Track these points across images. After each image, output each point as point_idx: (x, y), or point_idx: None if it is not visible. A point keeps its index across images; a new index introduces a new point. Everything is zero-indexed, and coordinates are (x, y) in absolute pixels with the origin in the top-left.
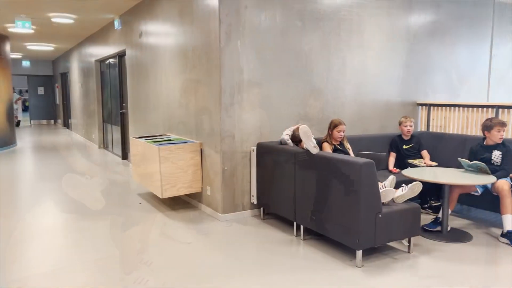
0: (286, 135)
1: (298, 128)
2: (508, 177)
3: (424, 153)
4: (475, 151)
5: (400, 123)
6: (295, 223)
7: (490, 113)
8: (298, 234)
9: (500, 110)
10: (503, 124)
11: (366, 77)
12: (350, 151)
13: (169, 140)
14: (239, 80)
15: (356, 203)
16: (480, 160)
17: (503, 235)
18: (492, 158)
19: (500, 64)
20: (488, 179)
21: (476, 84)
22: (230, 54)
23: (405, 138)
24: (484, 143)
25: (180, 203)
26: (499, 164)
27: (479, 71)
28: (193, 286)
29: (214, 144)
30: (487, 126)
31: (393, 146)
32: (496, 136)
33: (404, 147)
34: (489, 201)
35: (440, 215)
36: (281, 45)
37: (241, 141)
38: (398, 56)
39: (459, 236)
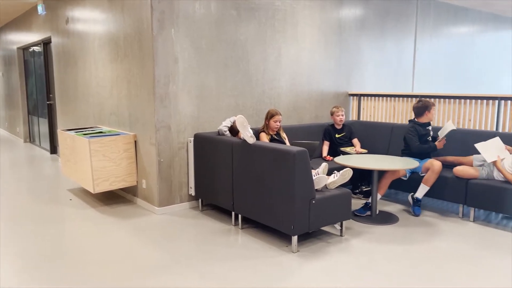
0: (224, 126)
1: None
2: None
3: (355, 141)
4: (423, 133)
5: (332, 113)
6: (233, 213)
7: (413, 102)
8: (236, 224)
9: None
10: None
11: (301, 68)
12: (286, 141)
13: (101, 132)
14: (173, 69)
15: (290, 191)
16: (424, 136)
17: (412, 196)
18: (430, 134)
19: (422, 57)
20: (413, 164)
21: (402, 75)
22: (163, 42)
23: (337, 127)
24: (421, 122)
25: (114, 198)
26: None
27: (404, 63)
28: (130, 282)
29: (148, 135)
30: (428, 106)
31: (326, 135)
32: (433, 115)
33: (337, 135)
34: (415, 184)
35: (369, 200)
36: (217, 34)
37: (177, 132)
38: (331, 48)
39: (386, 218)
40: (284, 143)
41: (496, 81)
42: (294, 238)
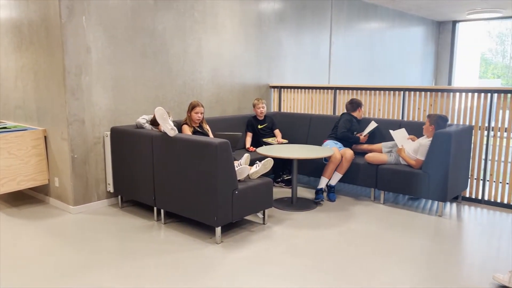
0: (142, 119)
1: None
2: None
3: (277, 132)
4: (353, 125)
5: (253, 105)
6: (155, 208)
7: (330, 94)
8: (159, 219)
9: (337, 91)
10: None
11: (223, 60)
12: (210, 133)
13: (5, 128)
14: (86, 59)
15: (213, 182)
16: (352, 128)
17: (327, 184)
18: (357, 129)
19: (338, 50)
20: (328, 152)
21: (319, 68)
22: (74, 31)
23: (259, 118)
24: (355, 116)
25: (23, 199)
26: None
27: (321, 56)
28: (48, 284)
29: (60, 130)
30: (360, 104)
31: (249, 126)
32: (363, 113)
33: (259, 126)
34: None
35: (320, 186)
36: (133, 23)
37: (92, 126)
38: (251, 40)
39: (306, 205)
40: (208, 135)
41: (403, 73)
42: (218, 229)
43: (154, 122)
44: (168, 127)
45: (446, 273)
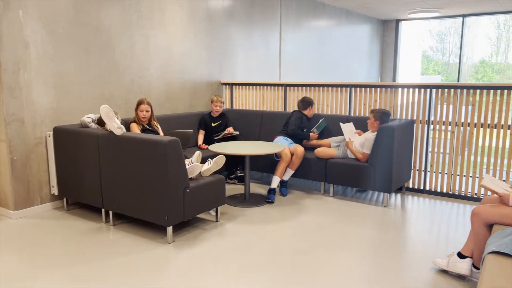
0: (87, 117)
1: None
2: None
3: (229, 129)
4: (304, 122)
5: (211, 101)
6: (103, 210)
7: (281, 91)
8: (107, 221)
9: (288, 88)
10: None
11: (172, 56)
12: (160, 131)
13: None
14: (24, 55)
15: (163, 181)
16: (302, 125)
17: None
18: (306, 126)
19: (288, 47)
20: (279, 147)
21: (270, 65)
22: (10, 25)
23: (214, 115)
24: (305, 114)
25: None
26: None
27: (272, 53)
28: None
29: None
30: (311, 103)
31: (202, 124)
32: (313, 112)
33: (213, 124)
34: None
35: (272, 186)
36: (75, 18)
37: (33, 126)
38: (201, 37)
39: (259, 200)
40: (157, 133)
41: (350, 70)
42: (169, 229)
43: (100, 121)
44: (114, 125)
45: (391, 260)
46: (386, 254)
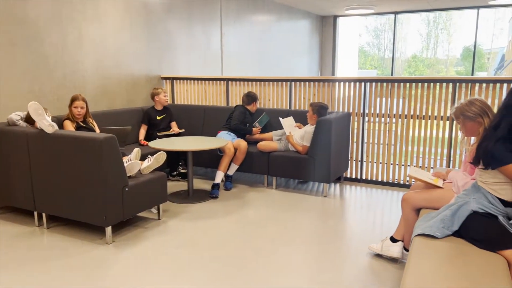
0: (15, 115)
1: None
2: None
3: (173, 124)
4: (247, 117)
5: (155, 94)
6: (35, 213)
7: (223, 85)
8: (40, 224)
9: (230, 82)
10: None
11: (107, 50)
12: (96, 128)
13: None
14: None
15: (100, 180)
16: (246, 120)
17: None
18: (249, 121)
19: (229, 42)
20: (222, 142)
21: (212, 59)
22: None
23: (158, 109)
24: (249, 109)
25: None
26: None
27: (213, 47)
28: None
29: None
30: (255, 99)
31: (146, 118)
32: (257, 107)
33: (158, 118)
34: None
35: (216, 181)
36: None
37: None
38: (139, 30)
39: (202, 196)
40: (93, 131)
41: (291, 65)
42: (108, 229)
43: (28, 119)
44: (45, 123)
45: (330, 247)
46: (326, 242)
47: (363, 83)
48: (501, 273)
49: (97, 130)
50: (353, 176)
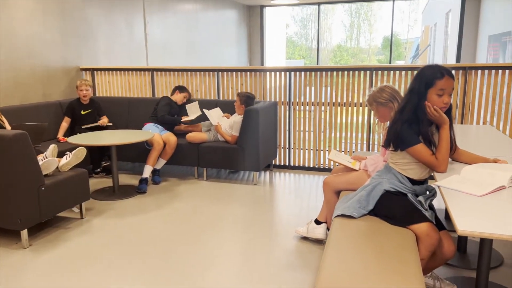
0: None
1: None
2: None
3: (103, 118)
4: (173, 108)
5: (76, 87)
6: None
7: (148, 76)
8: None
9: (155, 73)
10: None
11: (17, 39)
12: (6, 124)
13: None
14: None
15: (11, 181)
16: (173, 111)
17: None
18: (177, 112)
19: (154, 31)
20: (148, 135)
21: (136, 49)
22: None
23: (84, 102)
24: (173, 99)
25: None
26: None
27: (136, 36)
28: None
29: None
30: (181, 88)
31: (69, 111)
32: (182, 97)
33: (83, 112)
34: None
35: (144, 176)
36: None
37: None
38: (52, 18)
39: (129, 192)
40: (3, 127)
41: (220, 54)
42: (24, 233)
43: None
44: None
45: (260, 234)
46: (255, 229)
47: (288, 73)
48: (410, 246)
49: (8, 127)
50: (282, 163)
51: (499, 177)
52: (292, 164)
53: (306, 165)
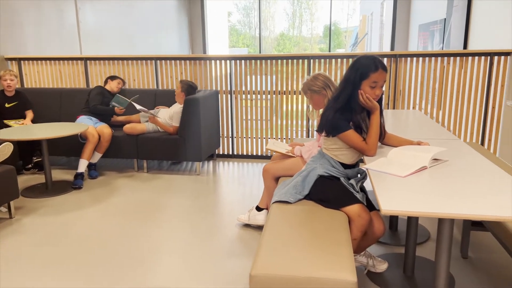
0: None
1: None
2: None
3: (29, 113)
4: (106, 98)
5: (0, 77)
6: None
7: (80, 65)
8: None
9: (89, 62)
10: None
11: None
12: None
13: None
14: None
15: None
16: (106, 100)
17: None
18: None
19: (87, 18)
20: (82, 127)
21: (68, 37)
22: None
23: (8, 94)
24: (107, 88)
25: None
26: None
27: (68, 23)
28: None
29: None
30: (112, 77)
31: None
32: (115, 86)
33: (7, 105)
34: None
35: (79, 171)
36: None
37: None
38: None
39: (64, 187)
40: None
41: (160, 42)
42: None
43: None
44: None
45: (203, 223)
46: (197, 219)
47: (228, 61)
48: (342, 227)
49: None
50: (226, 153)
51: (421, 158)
52: (235, 153)
53: (250, 154)
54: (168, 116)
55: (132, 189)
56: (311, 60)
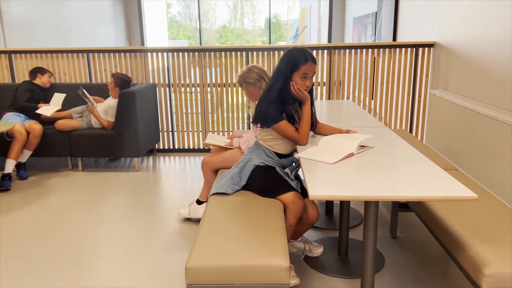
0: None
1: None
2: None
3: None
4: (36, 94)
5: None
6: None
7: (5, 59)
8: None
9: (13, 55)
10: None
11: None
12: None
13: None
14: None
15: None
16: (36, 96)
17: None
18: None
19: (12, 9)
20: (8, 125)
21: None
22: None
23: None
24: (36, 83)
25: None
26: None
27: None
28: None
29: None
30: (41, 69)
31: None
32: (47, 80)
33: None
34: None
35: (7, 171)
36: None
37: None
38: None
39: None
40: None
41: (94, 34)
42: None
43: None
44: None
45: (142, 220)
46: (137, 215)
47: (166, 54)
48: (277, 214)
49: None
50: (166, 147)
51: (349, 146)
52: (176, 147)
53: (192, 147)
54: (102, 110)
55: (66, 188)
56: (249, 53)
